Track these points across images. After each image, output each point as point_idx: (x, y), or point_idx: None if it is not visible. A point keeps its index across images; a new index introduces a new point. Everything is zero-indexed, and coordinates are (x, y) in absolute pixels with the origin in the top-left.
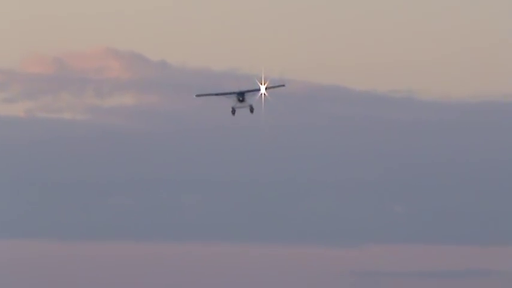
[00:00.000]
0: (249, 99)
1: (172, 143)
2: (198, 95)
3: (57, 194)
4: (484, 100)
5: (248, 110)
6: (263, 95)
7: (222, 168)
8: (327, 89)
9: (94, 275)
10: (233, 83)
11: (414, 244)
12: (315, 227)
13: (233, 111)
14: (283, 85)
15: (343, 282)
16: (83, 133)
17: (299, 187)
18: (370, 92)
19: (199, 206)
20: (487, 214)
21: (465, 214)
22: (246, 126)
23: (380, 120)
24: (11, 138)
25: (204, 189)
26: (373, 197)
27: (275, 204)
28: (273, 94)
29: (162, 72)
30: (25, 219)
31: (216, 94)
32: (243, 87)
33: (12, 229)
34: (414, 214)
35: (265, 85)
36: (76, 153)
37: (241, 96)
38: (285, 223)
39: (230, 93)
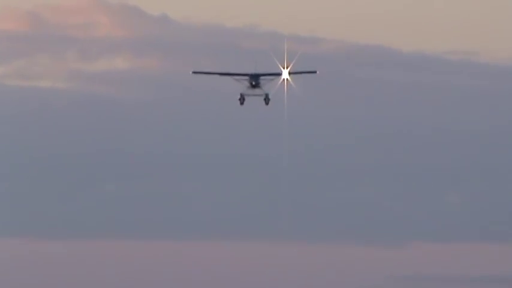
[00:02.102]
0: (265, 85)
1: (174, 116)
2: (195, 72)
3: (34, 174)
4: None
5: (262, 100)
6: (285, 80)
7: (230, 148)
8: (367, 50)
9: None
10: (251, 42)
11: (472, 243)
12: (349, 221)
13: (241, 100)
14: (315, 71)
15: None
16: (65, 104)
17: (327, 173)
18: (419, 53)
19: (200, 187)
20: None
21: None
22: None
23: (433, 87)
24: None
25: (206, 171)
26: (422, 184)
27: (299, 194)
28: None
29: (162, 30)
30: None
31: (221, 74)
32: (258, 69)
33: None
34: (472, 205)
35: (289, 69)
36: (56, 127)
37: (254, 80)
38: (310, 215)
39: (240, 75)
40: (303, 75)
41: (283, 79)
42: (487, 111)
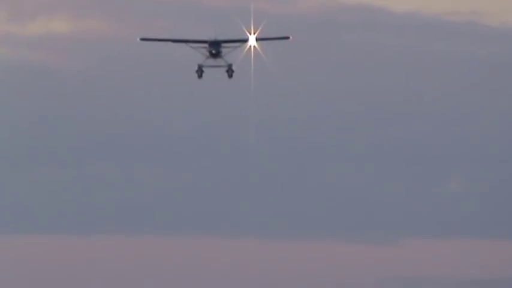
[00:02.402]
0: (228, 54)
1: (118, 90)
2: (143, 39)
3: None
4: None
5: (224, 72)
6: (252, 48)
7: (186, 129)
8: (352, 11)
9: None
10: (211, 1)
11: (476, 239)
12: (330, 213)
13: (199, 72)
14: (288, 37)
15: None
16: None
17: (304, 159)
18: (415, 14)
19: (151, 170)
20: None
21: None
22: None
23: (430, 54)
24: None
25: (157, 156)
26: (421, 170)
27: (269, 186)
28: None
29: None
30: None
31: (174, 41)
32: (220, 35)
33: None
34: (477, 193)
35: (257, 34)
36: None
37: (215, 48)
38: (292, 209)
39: (198, 42)
40: (273, 41)
41: (250, 46)
42: (496, 82)
